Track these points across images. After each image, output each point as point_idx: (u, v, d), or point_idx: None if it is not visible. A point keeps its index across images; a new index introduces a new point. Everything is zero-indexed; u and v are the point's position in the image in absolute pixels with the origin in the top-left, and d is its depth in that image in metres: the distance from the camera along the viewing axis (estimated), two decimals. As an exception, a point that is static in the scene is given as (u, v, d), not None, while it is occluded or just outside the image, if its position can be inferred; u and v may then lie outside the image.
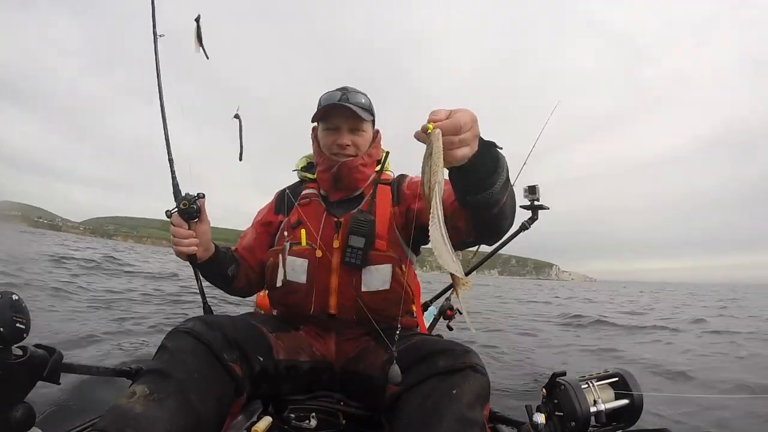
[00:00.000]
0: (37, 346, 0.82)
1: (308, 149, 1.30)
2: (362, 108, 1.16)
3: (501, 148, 0.76)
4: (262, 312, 1.93)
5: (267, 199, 1.35)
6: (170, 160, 1.24)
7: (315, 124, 1.24)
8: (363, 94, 1.20)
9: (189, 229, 1.10)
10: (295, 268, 1.11)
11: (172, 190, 1.17)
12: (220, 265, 1.19)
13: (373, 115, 1.23)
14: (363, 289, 1.08)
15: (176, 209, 1.10)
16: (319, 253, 1.10)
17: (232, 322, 0.95)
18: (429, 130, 0.61)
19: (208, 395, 0.79)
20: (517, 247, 2.01)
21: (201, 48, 1.29)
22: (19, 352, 0.77)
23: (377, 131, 1.27)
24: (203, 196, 1.11)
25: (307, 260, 1.10)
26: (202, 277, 1.25)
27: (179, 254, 1.11)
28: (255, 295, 1.71)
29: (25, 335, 0.76)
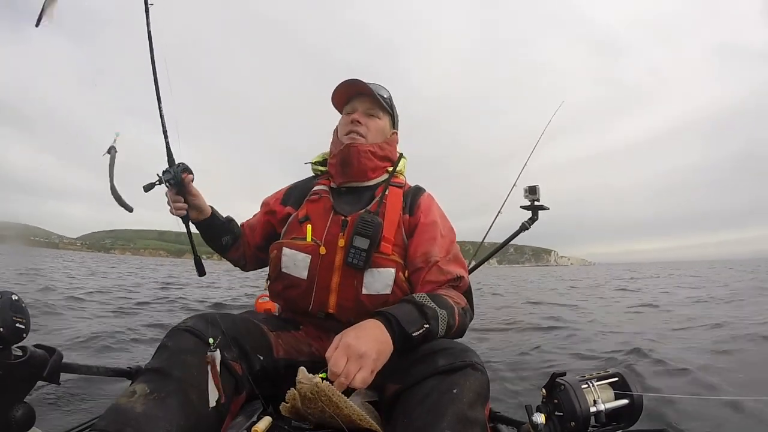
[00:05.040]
0: (37, 346, 0.82)
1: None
2: (380, 95, 1.21)
3: (420, 330, 0.86)
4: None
5: (257, 207, 1.37)
6: (164, 131, 1.17)
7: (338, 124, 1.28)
8: (384, 88, 1.26)
9: (178, 194, 1.13)
10: (297, 263, 1.11)
11: (166, 159, 1.16)
12: (214, 231, 1.24)
13: (391, 109, 1.26)
14: (363, 291, 1.07)
15: (158, 182, 1.11)
16: (323, 251, 1.09)
17: (233, 320, 0.95)
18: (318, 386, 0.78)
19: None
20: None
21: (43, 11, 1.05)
22: (19, 352, 0.77)
23: (395, 133, 1.29)
24: (188, 171, 1.14)
25: (309, 256, 1.10)
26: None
27: (172, 214, 1.16)
28: (255, 299, 1.70)
29: (24, 335, 0.76)
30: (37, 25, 1.06)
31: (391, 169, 1.24)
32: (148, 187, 1.11)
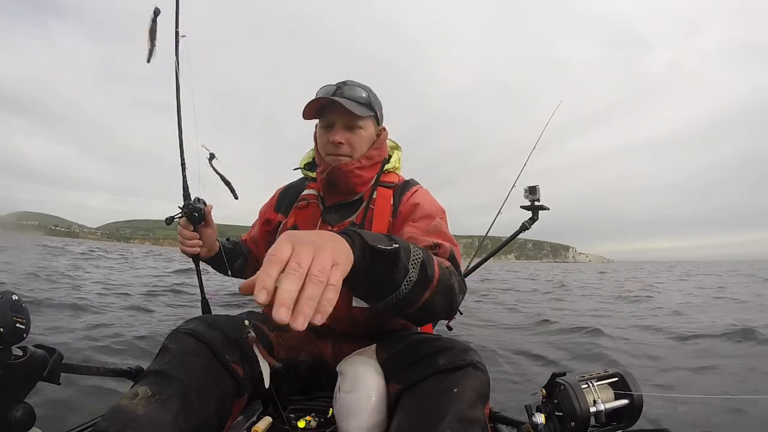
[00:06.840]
0: (37, 346, 0.82)
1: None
2: (357, 103, 1.08)
3: (394, 245, 0.66)
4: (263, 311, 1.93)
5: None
6: (182, 164, 1.22)
7: (317, 121, 1.18)
8: (362, 87, 1.12)
9: (194, 231, 1.14)
10: None
11: (182, 193, 1.19)
12: (224, 262, 1.22)
13: (373, 110, 1.13)
14: (354, 304, 1.05)
15: (180, 215, 1.14)
16: None
17: (233, 322, 0.95)
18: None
19: (210, 396, 0.79)
20: (532, 230, 1.95)
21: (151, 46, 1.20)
22: (19, 353, 0.77)
23: (382, 129, 1.18)
24: (205, 204, 1.16)
25: None
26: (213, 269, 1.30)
27: (184, 253, 1.17)
28: None
29: (25, 335, 0.76)
30: (148, 62, 1.20)
31: (380, 170, 1.14)
32: (170, 220, 1.14)
